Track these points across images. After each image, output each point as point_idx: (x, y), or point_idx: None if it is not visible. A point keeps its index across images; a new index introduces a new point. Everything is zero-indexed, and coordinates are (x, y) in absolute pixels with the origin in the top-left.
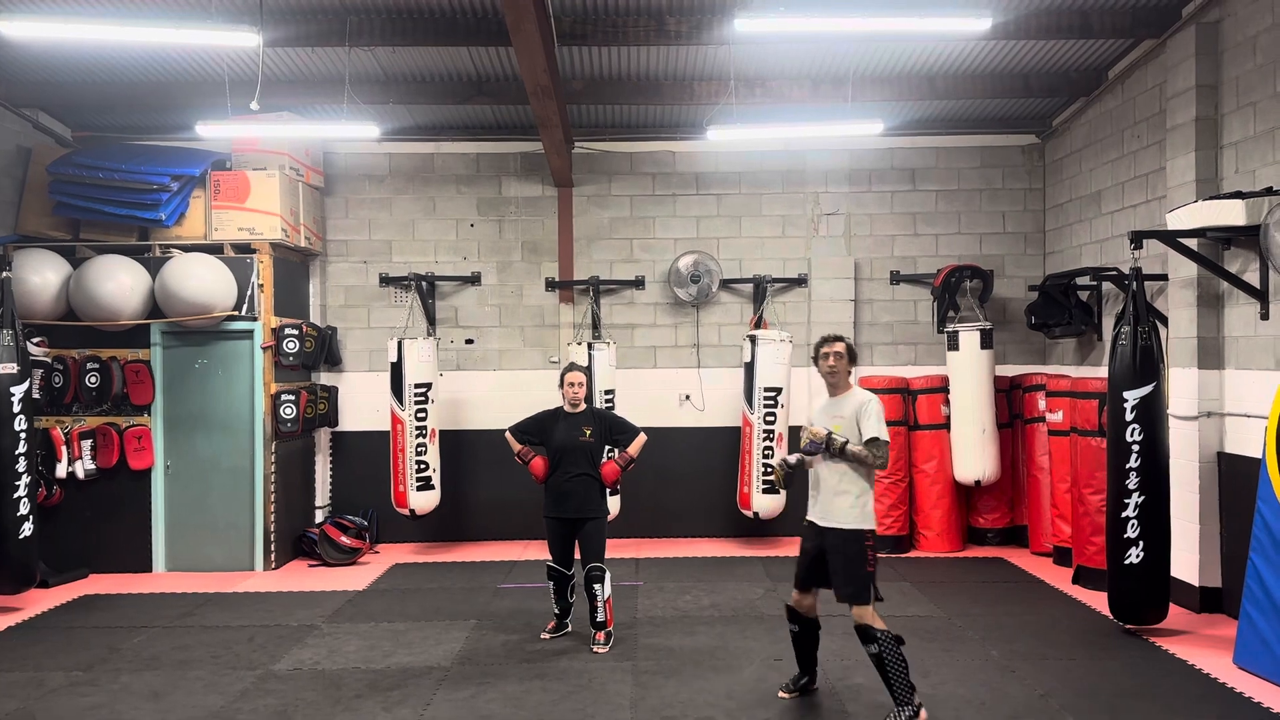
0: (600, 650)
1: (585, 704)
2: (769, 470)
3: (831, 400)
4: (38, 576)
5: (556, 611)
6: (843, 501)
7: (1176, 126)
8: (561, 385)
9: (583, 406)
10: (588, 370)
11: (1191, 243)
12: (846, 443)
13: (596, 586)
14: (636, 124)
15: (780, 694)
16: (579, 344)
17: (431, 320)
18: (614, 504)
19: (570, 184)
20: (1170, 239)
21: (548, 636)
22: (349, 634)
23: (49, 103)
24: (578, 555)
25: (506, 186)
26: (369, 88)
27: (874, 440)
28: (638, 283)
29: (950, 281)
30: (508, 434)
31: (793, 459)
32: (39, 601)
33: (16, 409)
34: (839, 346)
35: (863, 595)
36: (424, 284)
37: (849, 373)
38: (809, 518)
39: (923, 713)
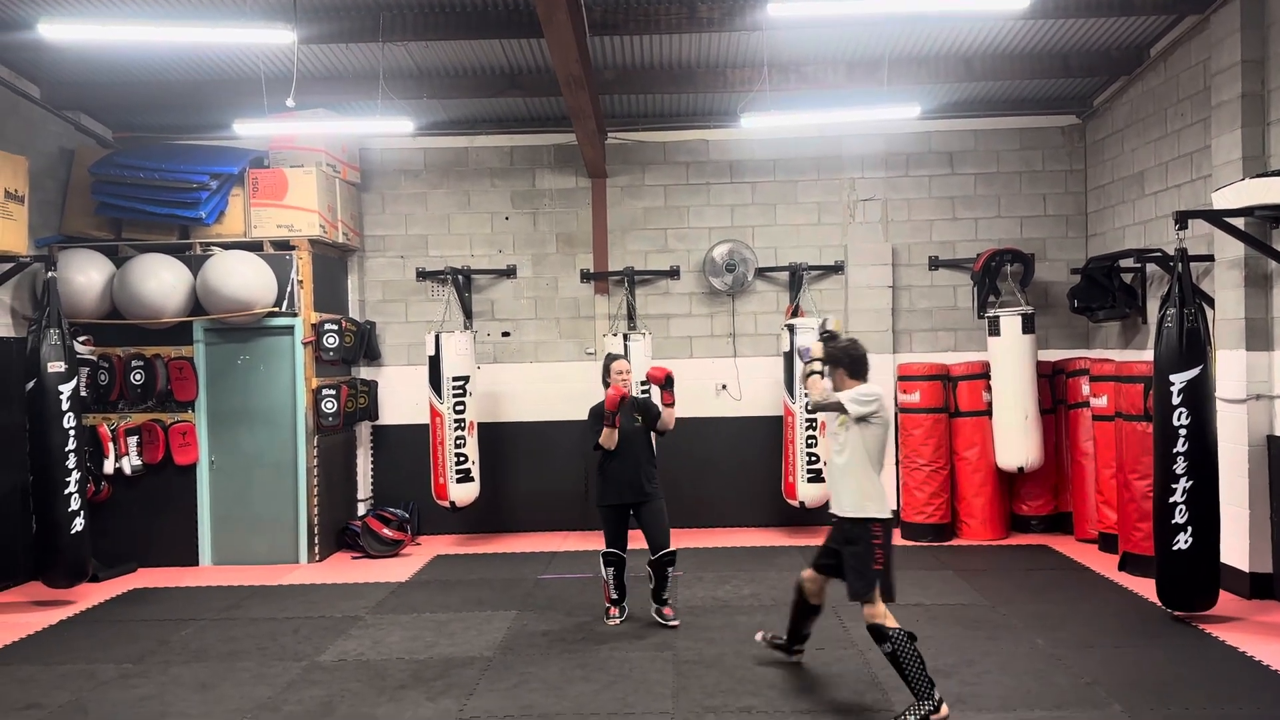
0: (675, 623)
1: (627, 694)
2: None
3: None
4: (90, 570)
5: (615, 596)
6: (846, 484)
7: (1221, 103)
8: (608, 376)
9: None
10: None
11: (1238, 222)
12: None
13: (670, 569)
14: (669, 113)
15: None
16: (614, 335)
17: (468, 313)
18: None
19: (604, 175)
20: (1216, 218)
21: (615, 623)
22: (392, 625)
23: (90, 104)
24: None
25: (540, 179)
26: (403, 83)
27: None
28: (672, 273)
29: (990, 266)
30: (601, 444)
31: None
32: (90, 595)
33: (65, 406)
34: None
35: (868, 593)
36: (460, 278)
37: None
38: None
39: (943, 708)
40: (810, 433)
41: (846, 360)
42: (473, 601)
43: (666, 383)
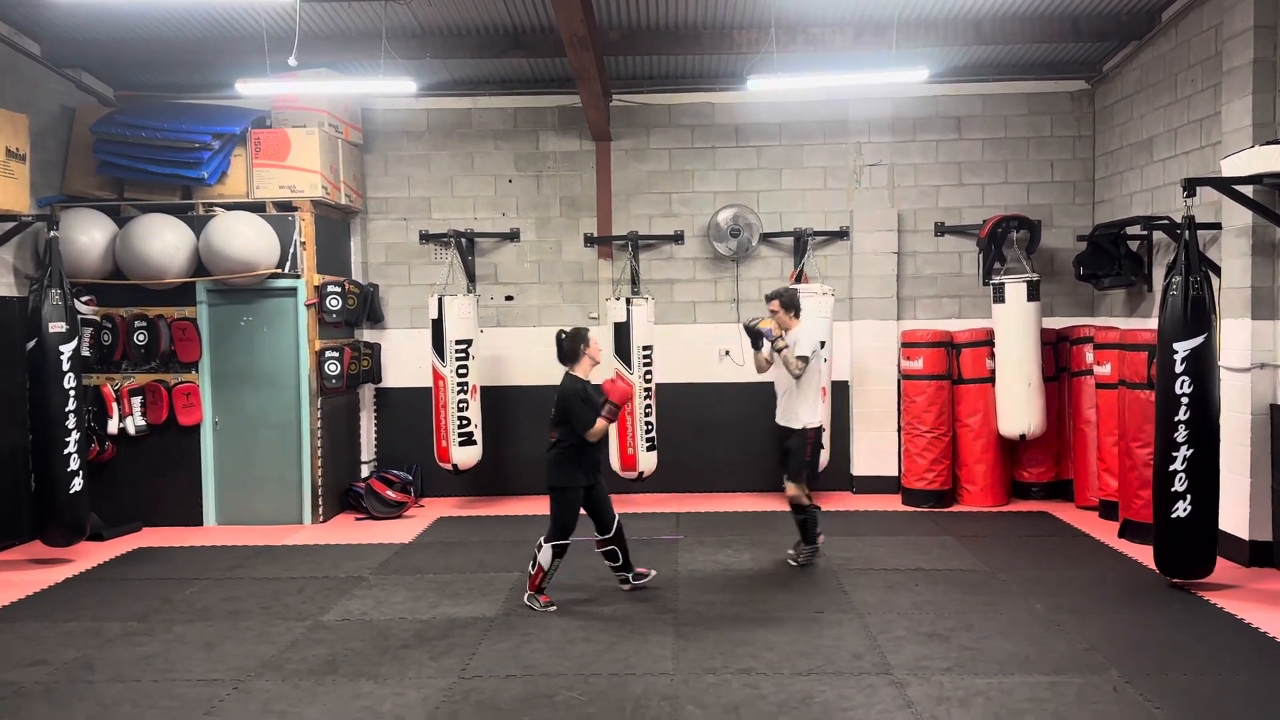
0: (653, 572)
1: (627, 655)
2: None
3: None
4: (88, 530)
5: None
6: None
7: (1233, 69)
8: (586, 348)
9: None
10: None
11: (1247, 190)
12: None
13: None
14: (675, 75)
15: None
16: (618, 299)
17: (471, 277)
18: (653, 459)
19: (608, 138)
20: (1225, 186)
21: (554, 609)
22: (396, 585)
23: (91, 62)
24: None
25: (544, 141)
26: (406, 43)
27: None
28: (676, 237)
29: (996, 232)
30: (593, 436)
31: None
32: (94, 554)
33: (65, 367)
34: (774, 305)
35: (797, 475)
36: (463, 241)
37: (787, 316)
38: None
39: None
40: None
41: (797, 304)
42: (475, 563)
43: (621, 402)
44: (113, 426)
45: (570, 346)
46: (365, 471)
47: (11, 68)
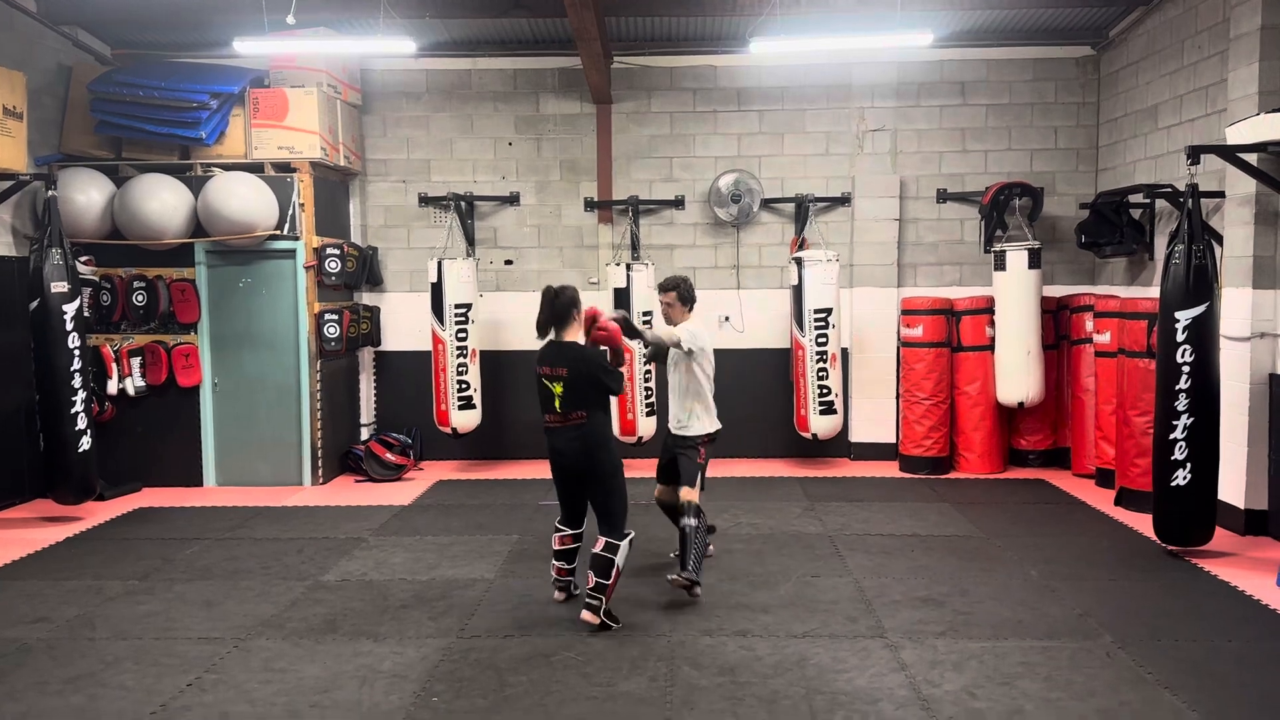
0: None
1: (624, 616)
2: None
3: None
4: (97, 489)
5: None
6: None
7: (1240, 36)
8: (580, 311)
9: None
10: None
11: (1251, 158)
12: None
13: None
14: (677, 37)
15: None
16: (618, 265)
17: (471, 241)
18: (652, 424)
19: (609, 100)
20: (1229, 154)
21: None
22: (395, 547)
23: (88, 20)
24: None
25: (544, 104)
26: (405, 1)
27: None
28: (677, 202)
29: (999, 200)
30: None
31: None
32: (95, 514)
33: (69, 326)
34: (668, 297)
35: (693, 482)
36: (463, 204)
37: (682, 309)
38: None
39: (697, 590)
40: (821, 365)
41: (693, 299)
42: (474, 526)
43: (621, 345)
44: (112, 387)
45: (564, 306)
46: (365, 434)
47: (7, 24)
